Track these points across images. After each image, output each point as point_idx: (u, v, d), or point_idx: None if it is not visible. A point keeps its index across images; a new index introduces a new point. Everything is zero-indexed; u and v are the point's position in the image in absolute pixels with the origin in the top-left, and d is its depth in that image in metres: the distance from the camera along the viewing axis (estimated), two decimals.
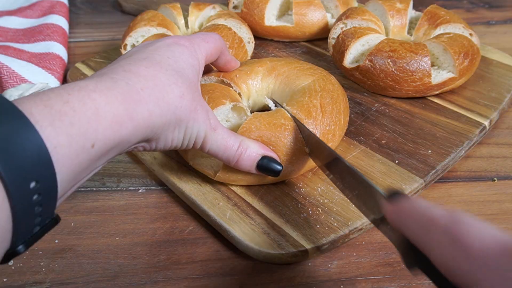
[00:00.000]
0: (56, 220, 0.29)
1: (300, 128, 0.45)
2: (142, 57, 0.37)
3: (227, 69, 0.51)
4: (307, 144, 0.44)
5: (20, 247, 0.27)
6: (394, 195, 0.28)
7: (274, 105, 0.49)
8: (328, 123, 0.46)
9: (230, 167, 0.43)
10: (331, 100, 0.47)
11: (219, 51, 0.46)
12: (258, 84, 0.52)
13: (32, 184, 0.25)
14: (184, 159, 0.48)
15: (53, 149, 0.27)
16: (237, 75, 0.51)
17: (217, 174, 0.45)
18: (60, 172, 0.27)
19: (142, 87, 0.34)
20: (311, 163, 0.46)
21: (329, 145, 0.46)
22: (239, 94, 0.51)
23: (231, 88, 0.50)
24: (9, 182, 0.24)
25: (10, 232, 0.25)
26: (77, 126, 0.28)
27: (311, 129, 0.45)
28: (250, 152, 0.42)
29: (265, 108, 0.50)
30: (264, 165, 0.42)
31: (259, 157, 0.42)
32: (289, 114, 0.45)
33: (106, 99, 0.31)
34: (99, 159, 0.31)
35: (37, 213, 0.27)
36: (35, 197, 0.26)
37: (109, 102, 0.31)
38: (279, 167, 0.42)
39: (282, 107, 0.47)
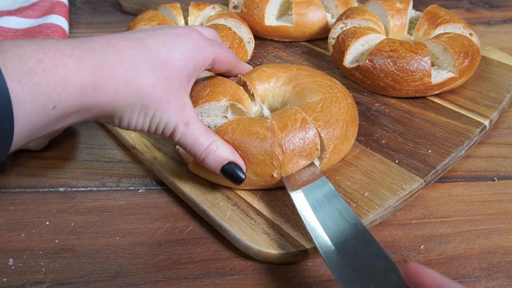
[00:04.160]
0: (2, 167, 0.32)
1: None
2: (136, 36, 0.38)
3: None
4: None
5: None
6: None
7: (268, 112, 0.49)
8: (298, 141, 0.43)
9: None
10: (324, 124, 0.44)
11: (229, 65, 0.47)
12: (277, 89, 0.51)
13: None
14: (184, 160, 0.48)
15: (16, 103, 0.29)
16: (257, 76, 0.51)
17: (219, 179, 0.45)
18: (18, 124, 0.29)
19: (117, 65, 0.35)
20: (281, 182, 0.44)
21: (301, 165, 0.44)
22: (253, 94, 0.50)
23: (240, 87, 0.49)
24: None
25: None
26: (43, 87, 0.30)
27: (276, 143, 0.43)
28: (218, 154, 0.41)
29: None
30: (228, 171, 0.42)
31: (226, 162, 0.42)
32: (268, 125, 0.44)
33: (77, 67, 0.32)
34: (58, 121, 0.32)
35: None
36: None
37: (79, 71, 0.32)
38: (242, 176, 0.42)
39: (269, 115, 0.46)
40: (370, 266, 0.34)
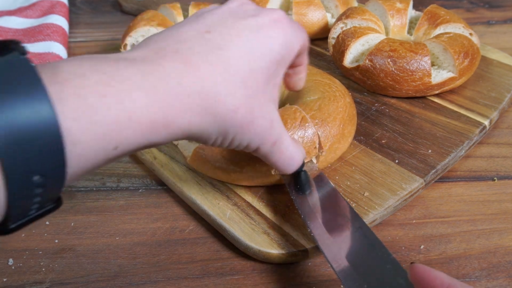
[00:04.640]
0: (57, 205, 0.27)
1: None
2: (212, 44, 0.31)
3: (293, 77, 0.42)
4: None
5: (13, 226, 0.25)
6: None
7: None
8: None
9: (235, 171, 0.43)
10: (321, 122, 0.45)
11: (304, 49, 0.38)
12: None
13: (36, 178, 0.23)
14: (183, 159, 0.48)
15: (71, 146, 0.24)
16: None
17: (218, 174, 0.45)
18: (71, 167, 0.25)
19: (194, 91, 0.29)
20: (277, 180, 0.44)
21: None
22: None
23: None
24: (10, 172, 0.22)
25: (1, 216, 0.24)
26: (105, 126, 0.25)
27: None
28: (297, 163, 0.39)
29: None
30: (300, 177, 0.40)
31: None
32: None
33: (147, 101, 0.27)
34: (117, 158, 0.28)
35: (36, 202, 0.25)
36: (36, 190, 0.24)
37: (148, 105, 0.27)
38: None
39: None
40: (376, 270, 0.34)
